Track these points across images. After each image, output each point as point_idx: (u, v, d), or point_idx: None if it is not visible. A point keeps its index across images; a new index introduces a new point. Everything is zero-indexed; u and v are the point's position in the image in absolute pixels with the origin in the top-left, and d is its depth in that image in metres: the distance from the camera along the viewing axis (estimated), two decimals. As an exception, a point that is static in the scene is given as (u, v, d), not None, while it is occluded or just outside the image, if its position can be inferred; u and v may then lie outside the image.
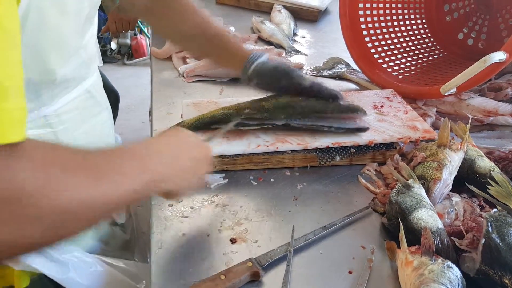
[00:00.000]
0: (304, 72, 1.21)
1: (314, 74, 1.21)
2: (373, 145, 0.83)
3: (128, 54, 3.55)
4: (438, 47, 1.28)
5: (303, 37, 1.48)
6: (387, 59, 1.19)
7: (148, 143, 0.54)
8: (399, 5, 1.25)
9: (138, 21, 2.89)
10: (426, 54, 1.24)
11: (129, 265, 0.80)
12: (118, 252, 0.83)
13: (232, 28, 1.41)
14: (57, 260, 0.68)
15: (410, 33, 1.27)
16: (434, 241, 0.59)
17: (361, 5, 1.18)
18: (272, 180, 0.79)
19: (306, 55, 1.34)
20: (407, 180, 0.70)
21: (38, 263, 0.67)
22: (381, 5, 1.21)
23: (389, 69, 1.16)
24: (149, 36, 3.27)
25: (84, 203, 0.39)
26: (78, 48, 0.63)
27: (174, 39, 0.92)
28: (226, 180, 0.78)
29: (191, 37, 0.85)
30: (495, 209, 0.65)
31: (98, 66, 0.85)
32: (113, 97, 1.92)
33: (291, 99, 0.82)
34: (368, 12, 1.20)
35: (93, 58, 0.68)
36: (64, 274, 0.69)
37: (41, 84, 0.57)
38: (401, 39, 1.24)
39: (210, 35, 0.84)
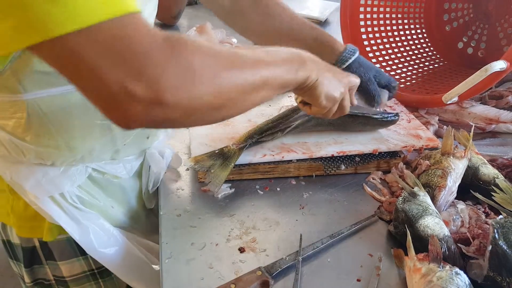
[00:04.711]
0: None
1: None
2: (377, 153, 0.84)
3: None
4: (438, 56, 1.29)
5: (304, 47, 1.49)
6: (388, 68, 1.21)
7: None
8: (399, 15, 1.27)
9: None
10: (427, 63, 1.26)
11: (150, 246, 0.82)
12: (145, 233, 0.85)
13: (234, 40, 1.42)
14: (79, 222, 0.72)
15: (411, 42, 1.29)
16: (441, 248, 0.59)
17: (361, 16, 1.20)
18: (278, 189, 0.80)
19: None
20: (413, 188, 0.71)
21: (64, 221, 0.71)
22: (381, 16, 1.23)
23: (391, 78, 1.17)
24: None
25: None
26: None
27: (262, 37, 0.92)
28: (233, 190, 0.79)
29: (280, 32, 0.87)
30: (500, 216, 0.66)
31: None
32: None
33: None
34: (368, 22, 1.22)
35: None
36: (83, 236, 0.72)
37: None
38: (402, 49, 1.26)
39: (300, 30, 0.86)
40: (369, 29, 1.22)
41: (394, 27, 1.26)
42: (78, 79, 0.42)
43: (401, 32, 1.28)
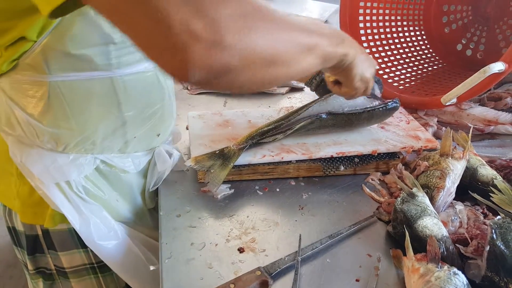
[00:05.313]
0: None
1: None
2: (376, 154, 0.85)
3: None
4: (437, 58, 1.30)
5: (304, 49, 1.50)
6: (387, 70, 1.21)
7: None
8: (398, 17, 1.27)
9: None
10: (426, 65, 1.26)
11: (151, 244, 0.82)
12: (148, 230, 0.86)
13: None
14: (81, 212, 0.73)
15: (410, 44, 1.29)
16: (440, 248, 0.59)
17: (361, 18, 1.21)
18: (277, 190, 0.80)
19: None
20: (411, 189, 0.72)
21: (67, 209, 0.71)
22: (380, 18, 1.24)
23: (390, 80, 1.18)
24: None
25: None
26: None
27: None
28: (232, 190, 0.79)
29: None
30: (498, 217, 0.66)
31: None
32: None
33: None
34: (368, 24, 1.22)
35: None
36: (83, 226, 0.73)
37: (106, 45, 0.62)
38: (401, 51, 1.27)
39: None
40: (369, 31, 1.22)
41: (394, 29, 1.27)
42: (134, 23, 0.40)
43: (400, 34, 1.28)
